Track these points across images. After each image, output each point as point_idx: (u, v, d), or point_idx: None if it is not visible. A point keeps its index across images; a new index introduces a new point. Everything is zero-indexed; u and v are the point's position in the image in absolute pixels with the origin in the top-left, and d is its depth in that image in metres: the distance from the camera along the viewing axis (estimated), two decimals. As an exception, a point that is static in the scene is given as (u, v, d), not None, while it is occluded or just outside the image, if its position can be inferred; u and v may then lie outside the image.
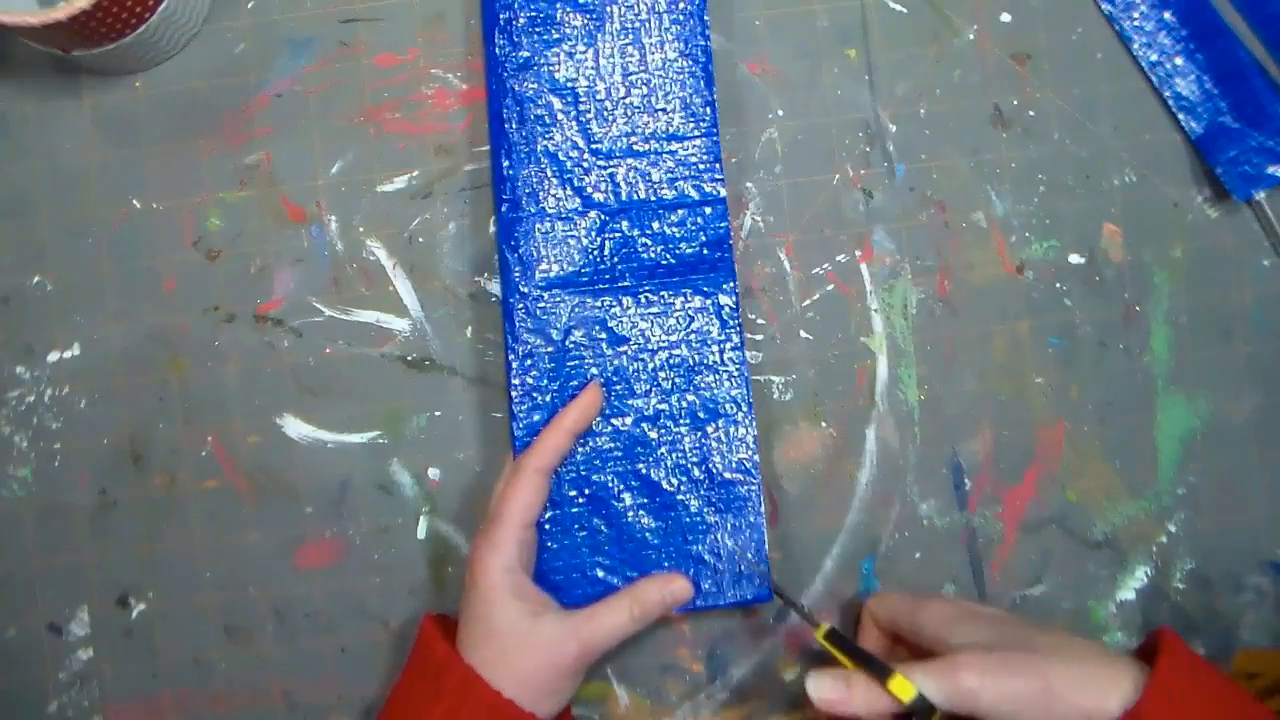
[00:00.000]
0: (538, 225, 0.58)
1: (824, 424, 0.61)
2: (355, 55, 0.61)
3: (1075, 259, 0.61)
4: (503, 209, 0.58)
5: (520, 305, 0.58)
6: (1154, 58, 0.61)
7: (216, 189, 0.61)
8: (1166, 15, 0.60)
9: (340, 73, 0.61)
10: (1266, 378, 0.61)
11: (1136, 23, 0.61)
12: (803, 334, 0.61)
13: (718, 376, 0.58)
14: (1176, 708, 0.46)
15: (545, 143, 0.58)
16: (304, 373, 0.60)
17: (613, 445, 0.57)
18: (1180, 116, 0.61)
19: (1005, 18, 0.61)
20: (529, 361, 0.57)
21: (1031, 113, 0.61)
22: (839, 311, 0.61)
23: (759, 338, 0.61)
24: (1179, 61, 0.61)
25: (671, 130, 0.58)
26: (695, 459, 0.57)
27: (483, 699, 0.50)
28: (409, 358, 0.60)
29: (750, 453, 0.57)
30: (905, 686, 0.48)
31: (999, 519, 0.60)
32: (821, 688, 0.50)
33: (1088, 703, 0.47)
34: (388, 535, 0.60)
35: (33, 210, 0.61)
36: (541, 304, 0.58)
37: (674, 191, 0.58)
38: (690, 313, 0.58)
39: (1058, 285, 0.61)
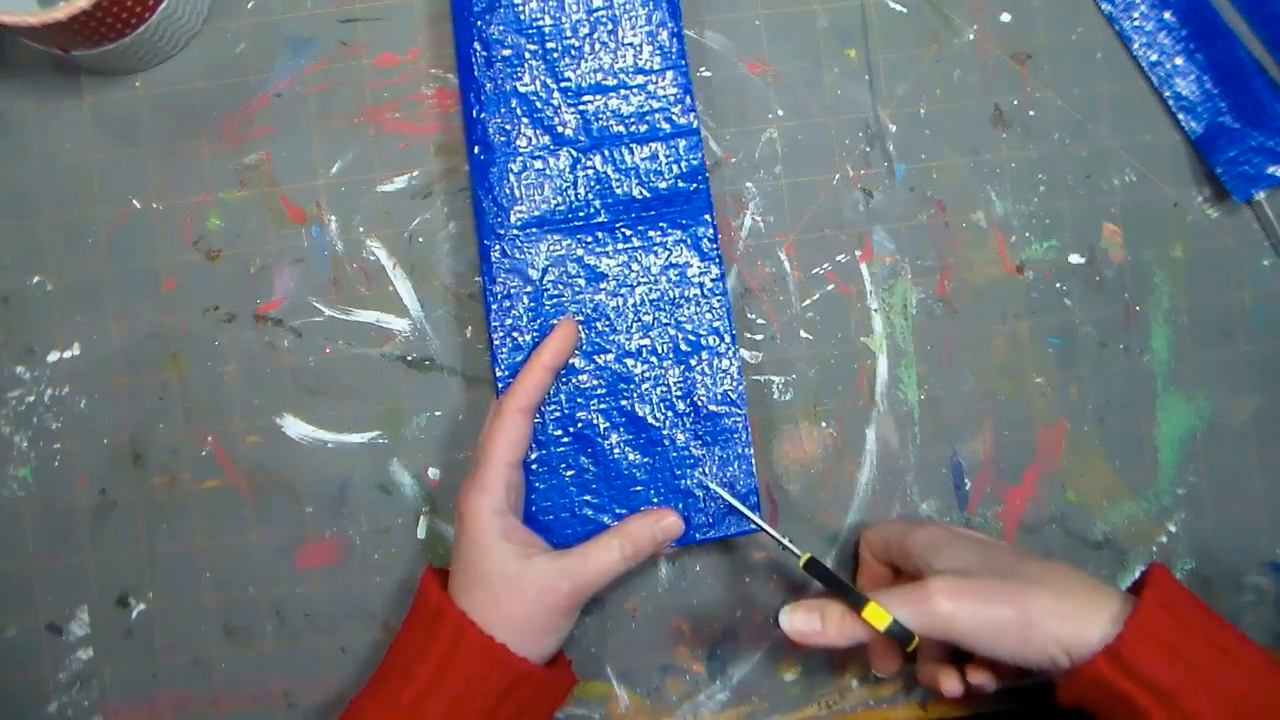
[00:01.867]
0: (510, 166, 0.58)
1: (824, 424, 0.61)
2: (355, 55, 0.61)
3: (1075, 259, 0.61)
4: (474, 151, 0.58)
5: (496, 246, 0.58)
6: (1154, 58, 0.61)
7: (216, 189, 0.61)
8: (1166, 15, 0.60)
9: (340, 73, 0.61)
10: (1266, 378, 0.61)
11: (1136, 23, 0.61)
12: (803, 334, 0.61)
13: (699, 309, 0.58)
14: (1158, 644, 0.46)
15: (514, 84, 0.58)
16: (304, 373, 0.60)
17: (596, 383, 0.57)
18: (1180, 116, 0.61)
19: (1005, 18, 0.61)
20: (508, 303, 0.57)
21: (1031, 113, 0.61)
22: (839, 311, 0.61)
23: (759, 338, 0.61)
24: (1179, 61, 0.61)
25: (640, 64, 0.58)
26: (680, 393, 0.57)
27: (475, 644, 0.50)
28: (409, 358, 0.60)
29: (735, 383, 0.57)
30: (879, 615, 0.48)
31: (999, 519, 0.60)
32: (794, 620, 0.49)
33: (1067, 634, 0.47)
34: (388, 535, 0.60)
35: (33, 210, 0.61)
36: (518, 244, 0.58)
37: (645, 125, 0.58)
38: (668, 246, 0.58)
39: (1058, 285, 0.61)
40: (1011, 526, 0.60)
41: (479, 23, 0.58)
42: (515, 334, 0.57)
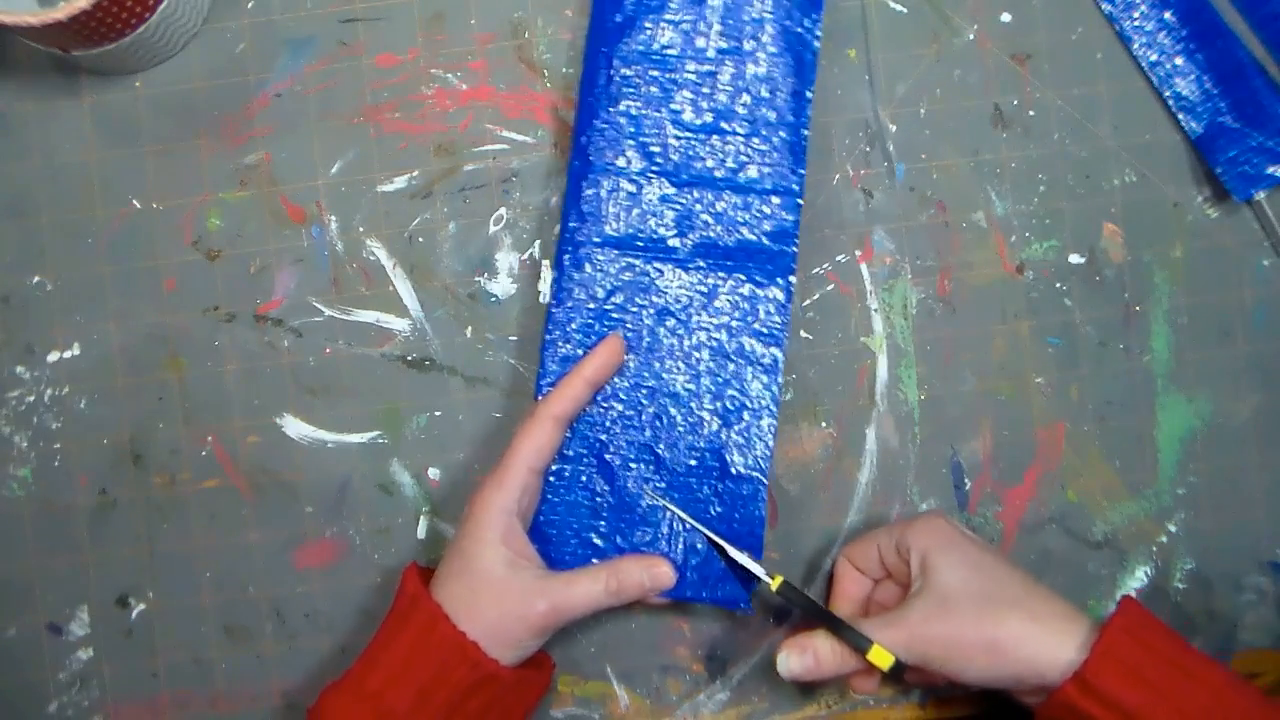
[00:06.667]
0: (603, 182, 0.58)
1: (824, 424, 0.60)
2: (355, 55, 0.61)
3: (1075, 259, 0.61)
4: (574, 162, 0.58)
5: (570, 256, 0.58)
6: (1154, 58, 0.61)
7: (216, 189, 0.61)
8: (1166, 15, 0.60)
9: (340, 73, 0.61)
10: (1266, 378, 0.61)
11: (1136, 23, 0.61)
12: (803, 334, 0.61)
13: (752, 369, 0.57)
14: (1122, 668, 0.48)
15: (629, 104, 0.58)
16: (304, 373, 0.60)
17: (633, 414, 0.57)
18: (1180, 116, 0.61)
19: (1005, 18, 0.61)
20: (570, 314, 0.57)
21: (1031, 113, 0.61)
22: (839, 311, 0.61)
23: (759, 338, 0.61)
24: (1179, 61, 0.61)
25: (756, 114, 0.58)
26: (711, 447, 0.57)
27: (446, 637, 0.51)
28: (409, 358, 0.60)
29: (766, 453, 0.57)
30: (884, 656, 0.50)
31: (999, 519, 0.60)
32: (791, 663, 0.52)
33: (1038, 657, 0.49)
34: (388, 535, 0.60)
35: (33, 210, 0.61)
36: (593, 259, 0.58)
37: (746, 175, 0.58)
38: (738, 299, 0.58)
39: (1058, 285, 0.61)
40: (1011, 526, 0.60)
41: (611, 39, 0.58)
42: (567, 345, 0.57)
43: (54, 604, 0.60)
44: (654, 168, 0.58)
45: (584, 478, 0.57)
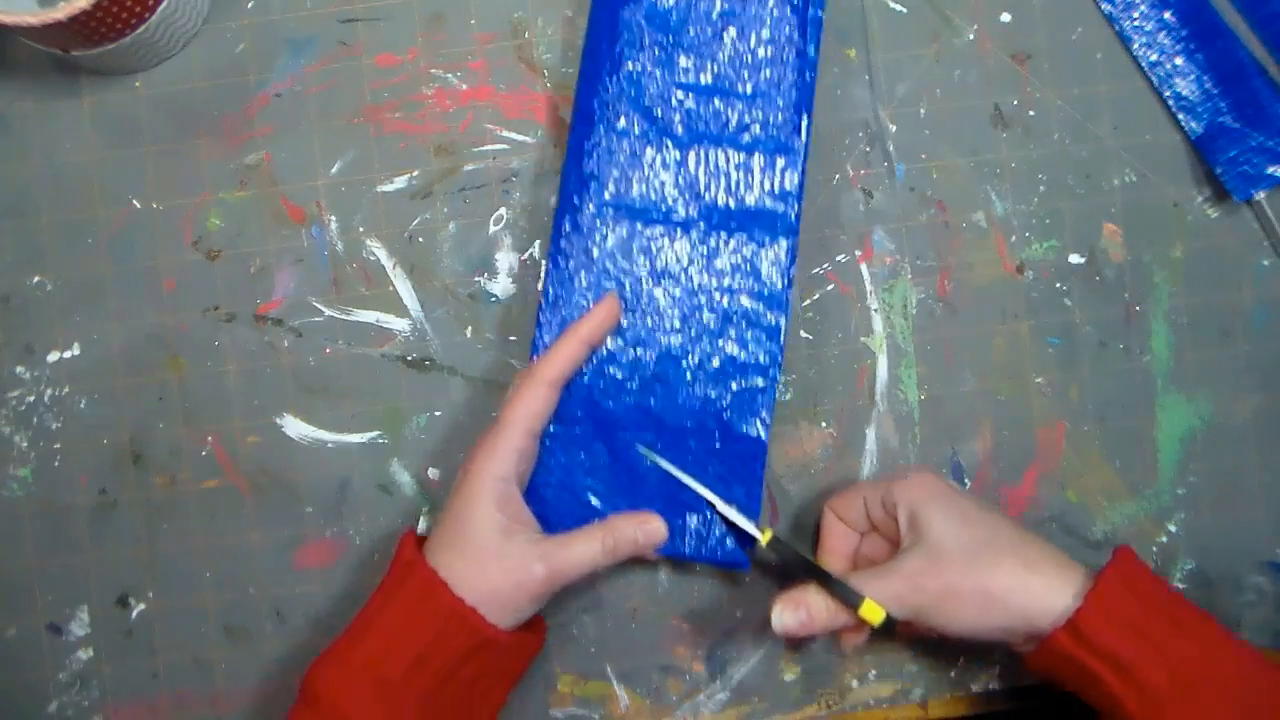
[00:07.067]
0: (604, 144, 0.57)
1: (824, 424, 0.60)
2: (355, 55, 0.61)
3: (1075, 259, 0.61)
4: (576, 124, 0.58)
5: (569, 218, 0.57)
6: (1154, 58, 0.61)
7: (216, 189, 0.61)
8: (1166, 15, 0.60)
9: (340, 73, 0.61)
10: (1266, 378, 0.61)
11: (1136, 23, 0.61)
12: (803, 334, 0.61)
13: (754, 331, 0.57)
14: (1114, 617, 0.48)
15: (631, 66, 0.57)
16: (304, 373, 0.60)
17: (631, 376, 0.57)
18: (1180, 116, 0.61)
19: (1005, 18, 0.61)
20: (566, 275, 0.57)
21: (1031, 113, 0.61)
22: (839, 311, 0.61)
23: (759, 338, 0.61)
24: (1179, 61, 0.61)
25: (759, 75, 0.57)
26: (710, 408, 0.57)
27: (444, 603, 0.50)
28: (409, 358, 0.60)
29: (765, 415, 0.56)
30: (875, 611, 0.50)
31: (999, 519, 0.60)
32: (784, 619, 0.52)
33: (1031, 605, 0.49)
34: (388, 535, 0.60)
35: (33, 210, 0.61)
36: (591, 222, 0.57)
37: (748, 136, 0.57)
38: (740, 261, 0.57)
39: (1058, 285, 0.61)
40: (1011, 526, 0.60)
41: (615, 3, 0.57)
42: (564, 307, 0.57)
43: (54, 604, 0.60)
44: (655, 129, 0.57)
45: (581, 440, 0.57)
